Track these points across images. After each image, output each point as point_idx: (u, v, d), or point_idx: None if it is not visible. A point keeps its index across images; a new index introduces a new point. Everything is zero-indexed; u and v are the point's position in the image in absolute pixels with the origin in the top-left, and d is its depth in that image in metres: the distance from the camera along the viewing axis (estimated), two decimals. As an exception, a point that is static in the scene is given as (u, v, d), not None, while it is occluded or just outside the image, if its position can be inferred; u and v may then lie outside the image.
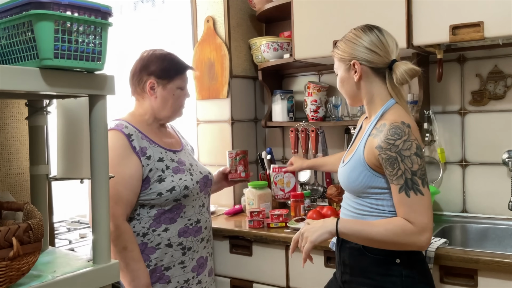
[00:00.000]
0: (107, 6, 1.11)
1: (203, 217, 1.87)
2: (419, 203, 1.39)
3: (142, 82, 1.82)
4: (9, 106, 1.54)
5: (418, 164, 1.41)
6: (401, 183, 1.41)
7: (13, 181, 1.55)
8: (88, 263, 1.19)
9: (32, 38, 1.01)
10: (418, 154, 1.42)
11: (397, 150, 1.41)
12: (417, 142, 1.43)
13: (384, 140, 1.43)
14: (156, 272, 1.75)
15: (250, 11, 2.79)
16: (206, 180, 1.90)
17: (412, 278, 1.45)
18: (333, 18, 2.21)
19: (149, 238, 1.74)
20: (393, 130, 1.43)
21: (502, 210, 2.18)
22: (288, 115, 2.67)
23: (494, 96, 2.21)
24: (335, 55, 1.60)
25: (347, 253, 1.56)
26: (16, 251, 0.96)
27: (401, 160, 1.40)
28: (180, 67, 1.86)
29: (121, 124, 1.76)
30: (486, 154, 2.24)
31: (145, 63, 1.82)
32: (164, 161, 1.77)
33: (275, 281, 2.12)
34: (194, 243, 1.83)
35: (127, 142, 1.72)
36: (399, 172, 1.41)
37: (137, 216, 1.75)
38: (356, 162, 1.51)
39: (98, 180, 1.16)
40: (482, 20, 1.85)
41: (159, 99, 1.82)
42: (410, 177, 1.40)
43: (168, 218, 1.76)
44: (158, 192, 1.72)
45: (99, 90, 1.14)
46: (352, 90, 1.58)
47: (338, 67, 1.61)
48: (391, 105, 1.52)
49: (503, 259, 1.60)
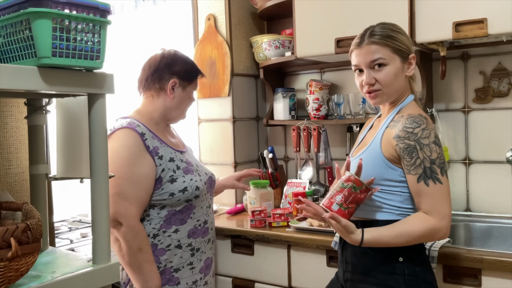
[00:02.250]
0: (105, 4, 1.10)
1: (209, 218, 1.87)
2: (439, 191, 1.40)
3: (163, 80, 1.79)
4: (8, 105, 1.53)
5: (437, 152, 1.41)
6: (420, 172, 1.40)
7: (13, 180, 1.54)
8: (88, 263, 1.18)
9: (30, 36, 1.00)
10: (437, 143, 1.42)
11: (415, 138, 1.41)
12: (435, 132, 1.44)
13: (402, 129, 1.43)
14: (166, 274, 1.73)
15: (252, 9, 2.78)
16: (210, 181, 1.90)
17: (415, 277, 1.45)
18: (335, 16, 2.19)
19: (159, 240, 1.72)
20: (411, 119, 1.44)
21: (506, 209, 2.17)
22: (290, 114, 2.65)
23: (498, 94, 2.19)
24: (387, 43, 1.48)
25: (350, 252, 1.55)
26: (15, 251, 0.95)
27: (420, 149, 1.40)
28: (199, 71, 1.90)
29: (133, 122, 1.73)
30: (489, 152, 2.22)
31: (169, 62, 1.80)
32: (175, 161, 1.76)
33: (277, 281, 2.11)
34: (202, 244, 1.82)
35: (140, 141, 1.69)
36: (418, 161, 1.40)
37: (147, 217, 1.72)
38: (372, 154, 1.50)
39: (97, 180, 1.15)
40: (485, 16, 1.84)
41: (176, 99, 1.82)
42: (429, 166, 1.40)
43: (179, 219, 1.75)
44: (170, 193, 1.71)
45: (98, 89, 1.13)
46: (400, 86, 1.52)
47: (390, 59, 1.48)
48: (410, 100, 1.54)
49: (507, 258, 1.59)
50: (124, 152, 1.65)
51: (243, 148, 2.72)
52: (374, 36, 1.48)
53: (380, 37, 1.48)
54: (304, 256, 2.02)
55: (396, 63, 1.49)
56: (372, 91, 1.51)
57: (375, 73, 1.49)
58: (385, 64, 1.48)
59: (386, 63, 1.48)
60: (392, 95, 1.53)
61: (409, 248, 1.46)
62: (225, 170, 2.64)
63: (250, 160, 2.77)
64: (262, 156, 2.68)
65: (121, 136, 1.68)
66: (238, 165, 2.67)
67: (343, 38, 2.17)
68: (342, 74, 2.61)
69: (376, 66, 1.48)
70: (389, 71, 1.48)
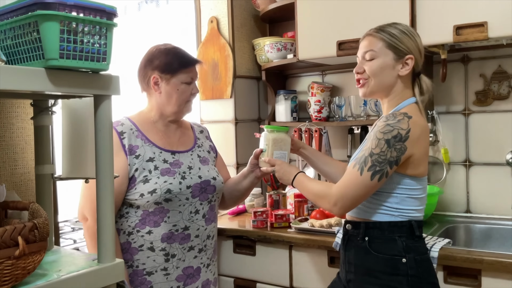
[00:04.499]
0: (112, 7, 1.11)
1: (193, 225, 1.75)
2: (354, 178, 1.45)
3: (146, 78, 1.77)
4: (14, 106, 1.55)
5: (381, 149, 1.43)
6: (359, 156, 1.47)
7: (19, 180, 1.56)
8: (93, 262, 1.19)
9: (38, 38, 1.01)
10: (390, 143, 1.42)
11: (376, 130, 1.46)
12: (402, 132, 1.42)
13: (382, 122, 1.47)
14: (138, 276, 1.70)
15: (254, 12, 2.80)
16: (205, 185, 1.78)
17: (418, 278, 1.46)
18: (337, 19, 2.21)
19: (133, 238, 1.71)
20: (390, 115, 1.47)
21: (506, 210, 2.18)
22: (291, 115, 2.67)
23: (498, 96, 2.21)
24: (383, 37, 1.53)
25: (353, 252, 1.56)
26: (22, 250, 0.96)
27: (372, 139, 1.45)
28: (184, 60, 1.78)
29: (118, 121, 1.74)
30: (490, 154, 2.24)
31: (149, 58, 1.78)
32: (154, 161, 1.72)
33: (278, 281, 2.12)
34: (179, 250, 1.73)
35: (117, 139, 1.69)
36: (364, 148, 1.47)
37: (126, 214, 1.72)
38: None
39: (102, 180, 1.17)
40: (486, 20, 1.85)
41: (163, 95, 1.76)
42: (366, 155, 1.44)
43: (153, 221, 1.70)
44: (140, 193, 1.68)
45: (104, 90, 1.14)
46: (388, 81, 1.54)
47: (381, 52, 1.53)
48: (410, 102, 1.55)
49: (507, 259, 1.60)
50: None
51: (245, 150, 2.73)
52: (371, 31, 1.57)
53: (378, 31, 1.55)
54: (306, 257, 2.04)
55: (387, 59, 1.52)
56: (359, 79, 1.58)
57: (365, 63, 1.56)
58: (375, 57, 1.53)
59: (376, 56, 1.53)
60: (380, 89, 1.56)
61: (412, 249, 1.47)
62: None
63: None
64: (264, 157, 2.69)
65: None
66: (240, 166, 2.69)
67: (344, 40, 2.18)
68: (343, 76, 2.63)
69: (367, 56, 1.55)
70: (377, 63, 1.54)
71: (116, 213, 1.71)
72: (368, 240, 1.51)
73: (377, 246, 1.49)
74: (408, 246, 1.47)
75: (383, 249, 1.48)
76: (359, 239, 1.53)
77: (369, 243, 1.50)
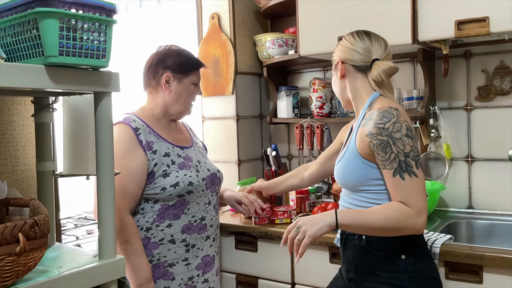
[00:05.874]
0: (111, 4, 1.11)
1: (208, 215, 1.86)
2: (415, 185, 1.39)
3: (157, 76, 1.82)
4: (15, 103, 1.55)
5: (410, 145, 1.41)
6: (395, 166, 1.40)
7: (20, 177, 1.57)
8: (94, 259, 1.20)
9: (38, 35, 1.01)
10: (409, 135, 1.42)
11: (387, 133, 1.41)
12: (407, 123, 1.43)
13: (373, 125, 1.44)
14: (160, 268, 1.75)
15: (255, 8, 2.79)
16: (213, 177, 1.89)
17: (418, 273, 1.45)
18: (338, 14, 2.20)
19: (152, 233, 1.75)
20: (381, 114, 1.44)
21: (508, 206, 2.18)
22: (293, 112, 2.67)
23: (500, 92, 2.20)
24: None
25: (351, 251, 1.56)
26: (23, 246, 0.97)
27: (393, 143, 1.40)
28: (196, 63, 1.88)
29: (129, 117, 1.77)
30: (492, 150, 2.23)
31: (162, 57, 1.83)
32: (170, 156, 1.77)
33: (280, 277, 2.13)
34: (198, 240, 1.82)
35: (133, 135, 1.72)
36: (392, 156, 1.40)
37: (141, 210, 1.75)
38: (350, 155, 1.52)
39: (103, 176, 1.17)
40: (487, 15, 1.84)
41: (173, 94, 1.82)
42: (403, 159, 1.40)
43: (172, 214, 1.76)
44: (162, 187, 1.72)
45: (104, 87, 1.14)
46: (339, 89, 1.64)
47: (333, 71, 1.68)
48: (376, 96, 1.54)
49: (508, 255, 1.60)
50: (115, 146, 1.68)
51: (247, 146, 2.73)
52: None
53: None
54: (307, 253, 2.00)
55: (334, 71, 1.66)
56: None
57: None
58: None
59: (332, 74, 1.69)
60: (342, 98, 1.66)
61: (411, 245, 1.47)
62: (229, 168, 2.66)
63: (253, 158, 2.79)
64: (266, 154, 2.69)
65: (115, 131, 1.71)
66: (242, 163, 2.69)
67: (346, 36, 2.18)
68: (345, 72, 2.62)
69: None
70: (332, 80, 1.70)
71: (133, 209, 1.73)
72: (365, 238, 1.50)
73: (375, 244, 1.48)
74: (406, 242, 1.46)
75: (381, 247, 1.47)
76: (356, 238, 1.53)
77: (367, 242, 1.50)
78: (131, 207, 1.71)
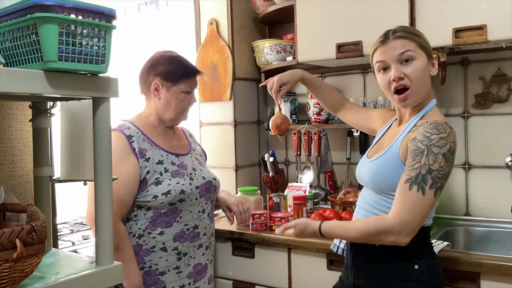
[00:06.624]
0: (111, 9, 1.11)
1: (201, 223, 1.84)
2: (416, 201, 1.34)
3: (148, 82, 1.82)
4: (13, 108, 1.55)
5: (439, 165, 1.34)
6: (412, 175, 1.35)
7: (17, 182, 1.56)
8: (91, 265, 1.19)
9: (37, 40, 1.01)
10: (447, 157, 1.35)
11: (428, 144, 1.35)
12: (452, 145, 1.37)
13: (421, 132, 1.39)
14: (151, 276, 1.74)
15: (253, 14, 2.80)
16: (209, 185, 1.87)
17: (429, 284, 1.44)
18: (336, 21, 2.21)
19: (144, 240, 1.74)
20: (435, 125, 1.38)
21: (505, 214, 2.18)
22: (291, 118, 2.67)
23: (498, 99, 2.21)
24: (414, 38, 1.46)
25: (362, 258, 1.53)
26: (20, 252, 0.96)
27: (426, 154, 1.34)
28: (187, 70, 1.83)
29: (123, 125, 1.77)
30: (489, 157, 2.24)
31: (153, 64, 1.82)
32: (164, 163, 1.77)
33: (277, 284, 2.12)
34: (191, 249, 1.80)
35: (127, 143, 1.72)
36: (417, 165, 1.35)
37: (134, 217, 1.75)
38: (390, 158, 1.46)
39: (101, 182, 1.17)
40: (485, 23, 1.85)
41: (162, 101, 1.81)
42: (424, 173, 1.34)
43: (164, 222, 1.75)
44: (154, 195, 1.72)
45: (102, 93, 1.14)
46: (428, 84, 1.49)
47: (418, 53, 1.45)
48: (433, 105, 1.50)
49: (506, 262, 1.60)
50: None
51: (244, 152, 2.73)
52: (399, 32, 1.47)
53: (406, 33, 1.47)
54: (305, 259, 2.03)
55: (423, 59, 1.46)
56: (400, 87, 1.45)
57: (403, 67, 1.44)
58: (414, 58, 1.44)
59: (415, 57, 1.44)
60: (420, 96, 1.47)
61: (423, 255, 1.45)
62: (226, 174, 2.66)
63: (251, 163, 2.79)
64: (263, 159, 2.69)
65: None
66: (239, 169, 2.69)
67: (344, 43, 2.18)
68: (343, 78, 2.63)
69: (404, 61, 1.45)
70: (417, 66, 1.44)
71: (125, 216, 1.72)
72: (379, 246, 1.47)
73: (389, 253, 1.46)
74: (419, 252, 1.44)
75: (395, 256, 1.45)
76: (369, 244, 1.50)
77: (381, 249, 1.47)
78: (122, 214, 1.71)
